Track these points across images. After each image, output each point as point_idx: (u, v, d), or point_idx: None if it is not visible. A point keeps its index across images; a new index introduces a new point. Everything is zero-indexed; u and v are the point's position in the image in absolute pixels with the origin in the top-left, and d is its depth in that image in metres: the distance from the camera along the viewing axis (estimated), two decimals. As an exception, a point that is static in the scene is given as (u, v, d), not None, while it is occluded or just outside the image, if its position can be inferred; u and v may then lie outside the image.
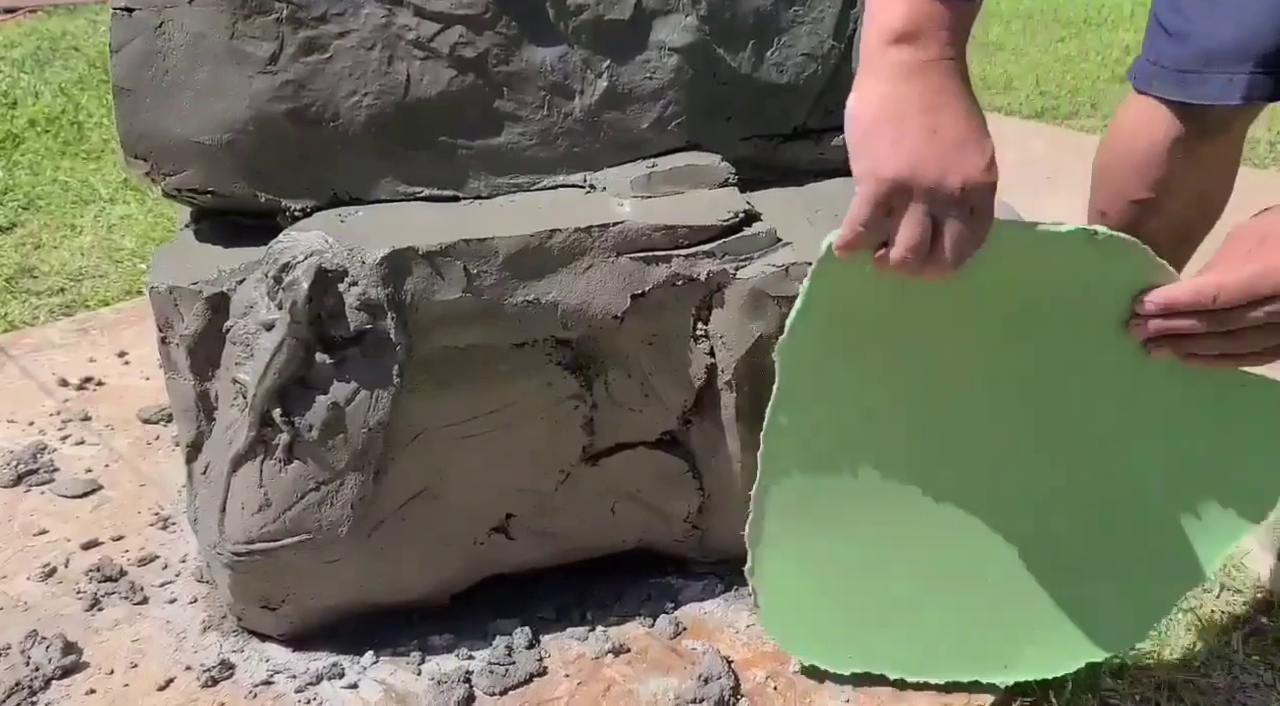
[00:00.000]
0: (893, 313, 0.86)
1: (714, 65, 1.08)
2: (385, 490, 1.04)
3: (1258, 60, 1.13)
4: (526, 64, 1.04)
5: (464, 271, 0.98)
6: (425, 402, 1.01)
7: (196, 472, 1.07)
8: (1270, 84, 1.15)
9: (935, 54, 0.74)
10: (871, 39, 0.76)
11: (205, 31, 0.97)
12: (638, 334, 1.05)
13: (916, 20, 0.74)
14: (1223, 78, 1.15)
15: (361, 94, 1.01)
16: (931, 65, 0.74)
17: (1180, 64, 1.18)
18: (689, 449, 1.13)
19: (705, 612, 1.16)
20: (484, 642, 1.11)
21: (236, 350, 1.00)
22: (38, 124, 2.74)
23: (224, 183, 1.02)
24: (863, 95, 0.76)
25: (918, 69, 0.74)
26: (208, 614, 1.15)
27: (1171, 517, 0.97)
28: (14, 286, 1.92)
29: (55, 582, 1.20)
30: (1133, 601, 1.01)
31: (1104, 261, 0.83)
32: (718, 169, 1.08)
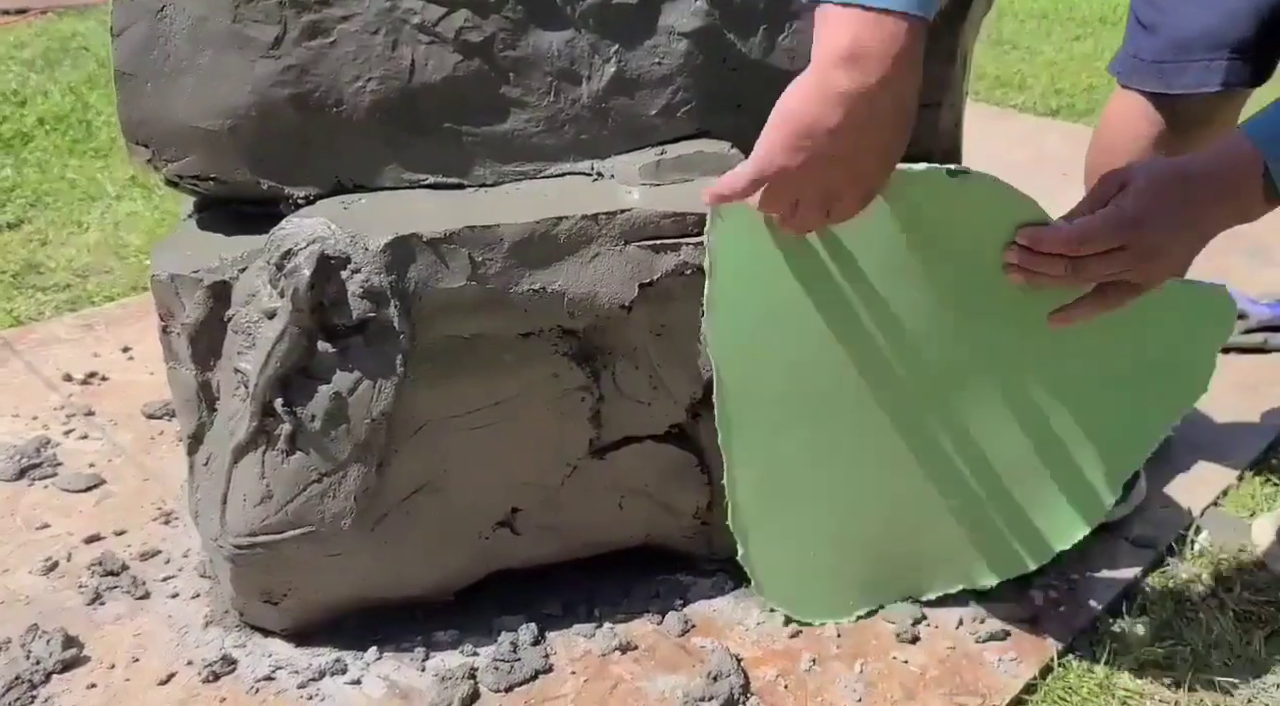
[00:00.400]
0: (798, 265, 0.93)
1: (724, 51, 1.06)
2: (388, 482, 1.02)
3: (1234, 46, 1.14)
4: (533, 49, 1.02)
5: (469, 259, 0.96)
6: (429, 393, 0.99)
7: (198, 464, 1.06)
8: (1249, 70, 1.15)
9: (877, 80, 0.75)
10: (818, 52, 0.78)
11: (207, 15, 0.95)
12: (646, 324, 1.03)
13: (863, 43, 0.75)
14: (1200, 65, 1.15)
15: (365, 79, 0.99)
16: (870, 93, 0.76)
17: (1158, 55, 1.18)
18: (698, 442, 1.11)
19: (714, 610, 1.14)
20: (489, 639, 1.09)
21: (238, 339, 0.99)
22: (46, 122, 2.73)
23: (226, 169, 1.00)
24: (800, 96, 0.79)
25: (857, 97, 0.76)
26: (210, 609, 1.14)
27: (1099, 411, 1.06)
28: (20, 282, 1.91)
29: (57, 577, 1.19)
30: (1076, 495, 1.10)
31: (971, 196, 0.91)
32: (728, 156, 1.06)
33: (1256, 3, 1.12)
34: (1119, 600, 1.16)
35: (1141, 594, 1.17)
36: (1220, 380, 1.54)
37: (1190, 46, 1.15)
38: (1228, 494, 1.33)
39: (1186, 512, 1.29)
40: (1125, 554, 1.22)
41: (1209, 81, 1.15)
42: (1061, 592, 1.16)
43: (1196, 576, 1.20)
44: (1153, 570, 1.20)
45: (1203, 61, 1.15)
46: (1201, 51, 1.14)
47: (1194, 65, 1.15)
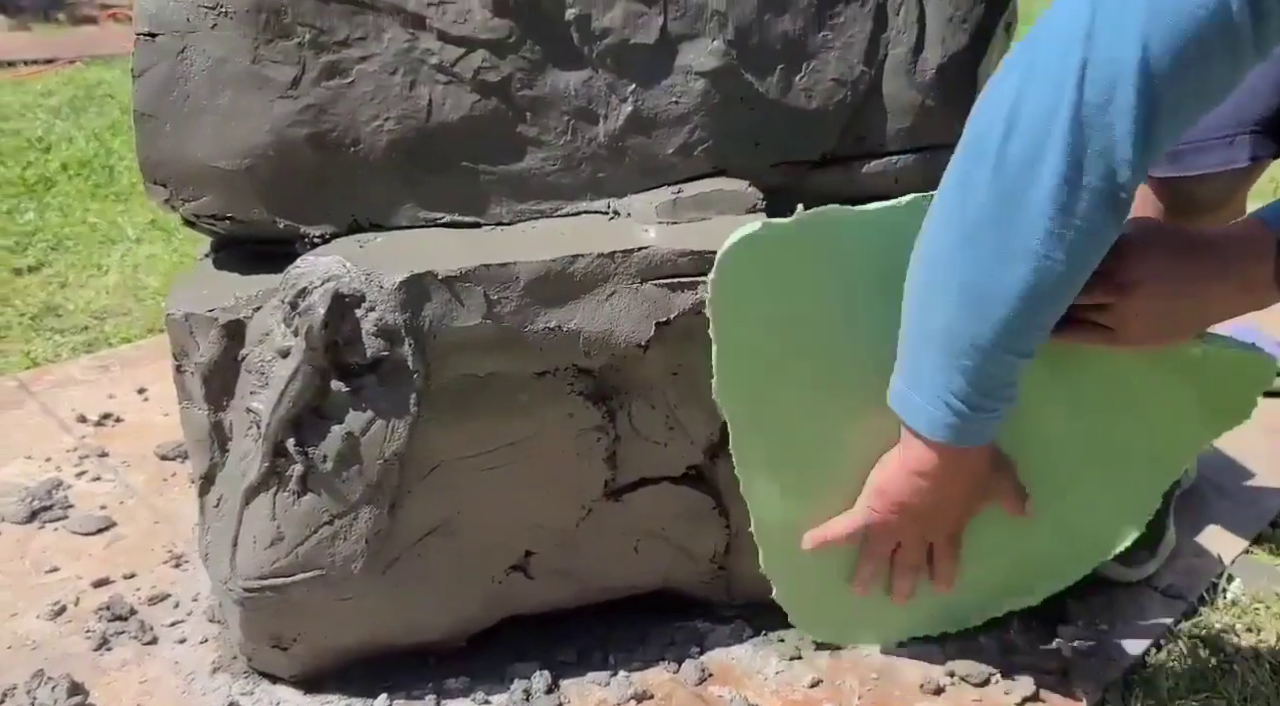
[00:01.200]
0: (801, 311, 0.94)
1: (741, 90, 1.06)
2: (401, 524, 1.00)
3: (1257, 121, 1.11)
4: (550, 88, 1.02)
5: (484, 297, 0.95)
6: (443, 433, 0.98)
7: (209, 505, 1.04)
8: (1272, 141, 1.12)
9: (940, 484, 0.92)
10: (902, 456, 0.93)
11: (227, 56, 0.96)
12: (662, 363, 1.02)
13: (928, 464, 0.91)
14: (1223, 142, 1.11)
15: (383, 118, 0.99)
16: (935, 490, 0.93)
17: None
18: (715, 485, 1.09)
19: (733, 658, 1.11)
20: (501, 687, 1.07)
21: (251, 378, 0.98)
22: (70, 167, 2.77)
23: (243, 208, 1.00)
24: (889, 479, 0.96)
25: (926, 492, 0.93)
26: (218, 654, 1.12)
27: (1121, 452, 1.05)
28: (39, 324, 1.92)
29: (64, 621, 1.17)
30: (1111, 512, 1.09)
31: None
32: (745, 195, 1.05)
33: (1274, 77, 1.09)
34: (1150, 651, 1.12)
35: (1173, 645, 1.13)
36: (1249, 425, 1.52)
37: (1210, 127, 1.11)
38: (1260, 541, 1.30)
39: (1217, 561, 1.26)
40: (1156, 604, 1.18)
41: (1236, 157, 1.11)
42: (1091, 644, 1.12)
43: (1230, 626, 1.16)
44: (1184, 620, 1.17)
45: (1225, 139, 1.11)
46: (1224, 130, 1.11)
47: (1216, 144, 1.11)
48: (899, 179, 1.11)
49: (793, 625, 1.09)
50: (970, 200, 0.80)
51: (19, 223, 2.37)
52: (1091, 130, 0.73)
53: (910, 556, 1.01)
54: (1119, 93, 0.72)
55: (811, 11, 1.06)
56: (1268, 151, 1.12)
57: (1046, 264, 0.77)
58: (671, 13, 1.03)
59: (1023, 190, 0.76)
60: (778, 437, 0.99)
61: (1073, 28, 0.73)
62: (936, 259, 0.84)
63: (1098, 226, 0.76)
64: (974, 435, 0.88)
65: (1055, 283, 0.79)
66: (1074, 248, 0.77)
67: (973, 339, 0.82)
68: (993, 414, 0.87)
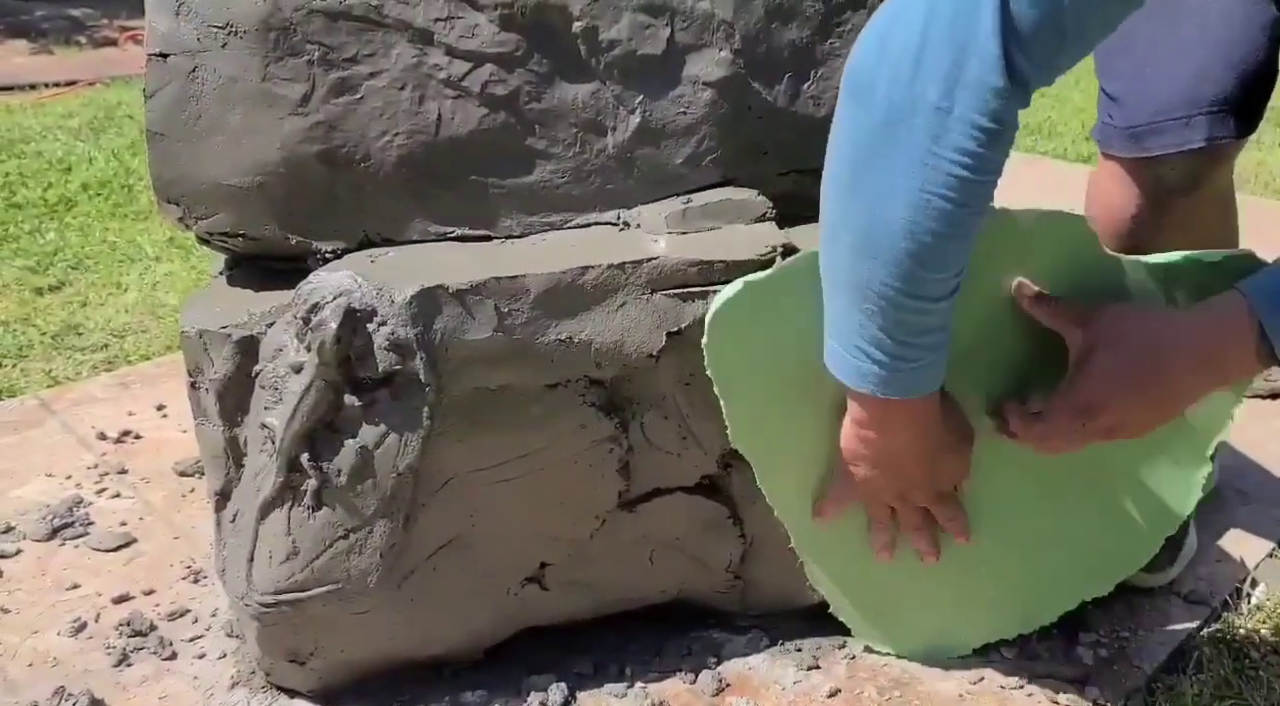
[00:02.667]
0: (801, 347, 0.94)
1: (749, 99, 1.06)
2: (415, 538, 1.01)
3: (1213, 101, 1.08)
4: (558, 101, 1.02)
5: (495, 310, 0.96)
6: (456, 446, 0.98)
7: (225, 521, 1.05)
8: (1232, 122, 1.09)
9: (883, 435, 0.91)
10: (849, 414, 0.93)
11: (238, 75, 0.97)
12: (674, 373, 1.02)
13: (872, 419, 0.90)
14: (1178, 123, 1.09)
15: (393, 134, 1.00)
16: (884, 441, 0.92)
17: (1130, 122, 1.12)
18: (729, 494, 1.09)
19: (750, 668, 1.11)
20: (518, 699, 1.07)
21: (265, 394, 0.98)
22: (90, 188, 2.80)
23: (255, 225, 1.01)
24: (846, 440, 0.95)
25: (875, 442, 0.92)
26: (236, 669, 1.12)
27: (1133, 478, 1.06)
28: (59, 343, 1.93)
29: (85, 637, 1.18)
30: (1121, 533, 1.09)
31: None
32: (755, 203, 1.05)
33: (1229, 57, 1.07)
34: (1173, 658, 1.11)
35: (1197, 651, 1.12)
36: (1267, 426, 1.51)
37: (1165, 108, 1.09)
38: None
39: (1240, 565, 1.24)
40: (1178, 610, 1.17)
41: (1191, 138, 1.09)
42: (1112, 651, 1.11)
43: (1255, 632, 1.14)
44: (1208, 626, 1.15)
45: (1180, 120, 1.09)
46: (1177, 110, 1.09)
47: (1172, 124, 1.09)
48: (909, 185, 1.10)
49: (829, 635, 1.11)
50: (847, 141, 0.79)
51: (40, 243, 2.40)
52: (956, 56, 0.72)
53: (907, 518, 1.00)
54: (981, 14, 0.71)
55: (818, 20, 1.06)
56: (1226, 132, 1.09)
57: (928, 200, 0.75)
58: (678, 23, 1.03)
59: (894, 126, 0.75)
60: (801, 468, 1.01)
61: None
62: (830, 202, 0.83)
63: (974, 156, 0.74)
64: (900, 385, 0.86)
65: (942, 221, 0.76)
66: (952, 180, 0.75)
67: (873, 285, 0.80)
68: (916, 363, 0.85)
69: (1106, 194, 1.19)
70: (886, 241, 0.78)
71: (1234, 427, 1.44)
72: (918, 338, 0.84)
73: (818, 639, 1.13)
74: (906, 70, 0.74)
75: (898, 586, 1.08)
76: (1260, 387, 1.57)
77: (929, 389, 0.88)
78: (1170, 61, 1.10)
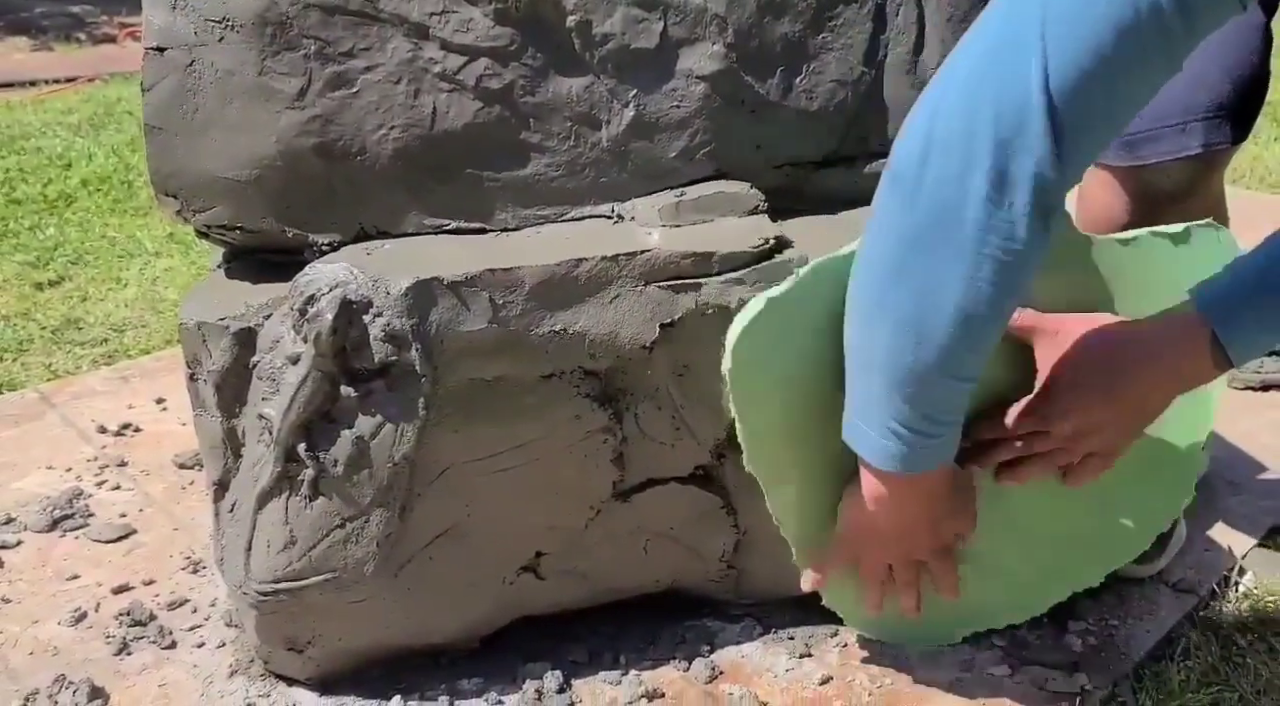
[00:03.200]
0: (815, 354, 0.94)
1: (742, 93, 1.07)
2: (411, 527, 1.02)
3: (1209, 107, 1.09)
4: (552, 95, 1.03)
5: (490, 301, 0.97)
6: (451, 436, 0.99)
7: (223, 511, 1.06)
8: (1227, 128, 1.10)
9: (897, 508, 0.93)
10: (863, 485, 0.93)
11: (234, 69, 0.97)
12: (668, 365, 1.03)
13: (882, 491, 0.91)
14: (1174, 130, 1.09)
15: (388, 127, 1.01)
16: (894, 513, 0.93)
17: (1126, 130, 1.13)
18: (723, 484, 1.10)
19: (743, 656, 1.12)
20: (514, 687, 1.08)
21: (263, 385, 0.99)
22: (90, 184, 2.81)
23: (252, 218, 1.02)
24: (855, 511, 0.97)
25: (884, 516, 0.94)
26: (235, 658, 1.13)
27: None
28: (59, 338, 1.95)
29: (85, 627, 1.19)
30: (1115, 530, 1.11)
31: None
32: (748, 196, 1.06)
33: (1224, 63, 1.08)
34: (1161, 646, 1.12)
35: (1185, 639, 1.13)
36: (1258, 417, 1.52)
37: (1161, 115, 1.10)
38: (1273, 534, 1.29)
39: (1229, 554, 1.25)
40: (1166, 599, 1.18)
41: (1188, 145, 1.09)
42: (1101, 639, 1.12)
43: (1242, 620, 1.16)
44: (1196, 614, 1.16)
45: (1176, 127, 1.09)
46: (1174, 117, 1.09)
47: (1168, 132, 1.10)
48: (901, 178, 1.11)
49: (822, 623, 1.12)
50: (893, 233, 0.80)
51: (40, 238, 2.41)
52: (1005, 151, 0.72)
53: (902, 575, 1.02)
54: (1029, 115, 0.71)
55: (810, 14, 1.07)
56: (1223, 138, 1.10)
57: (977, 287, 0.77)
58: (671, 17, 1.04)
59: (949, 214, 0.75)
60: (809, 482, 1.01)
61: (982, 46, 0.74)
62: (870, 289, 0.84)
63: (1026, 244, 0.75)
64: (923, 461, 0.88)
65: (988, 304, 0.78)
66: (1004, 267, 0.76)
67: (911, 367, 0.82)
68: (939, 440, 0.87)
69: (1097, 202, 1.19)
70: (936, 328, 0.79)
71: (1226, 419, 1.46)
72: (946, 415, 0.86)
73: (810, 627, 1.14)
74: (956, 165, 0.74)
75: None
76: (1252, 379, 1.58)
77: (947, 459, 0.90)
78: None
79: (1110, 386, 0.90)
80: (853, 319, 0.87)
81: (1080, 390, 0.92)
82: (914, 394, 0.83)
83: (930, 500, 0.94)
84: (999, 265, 0.76)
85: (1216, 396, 1.08)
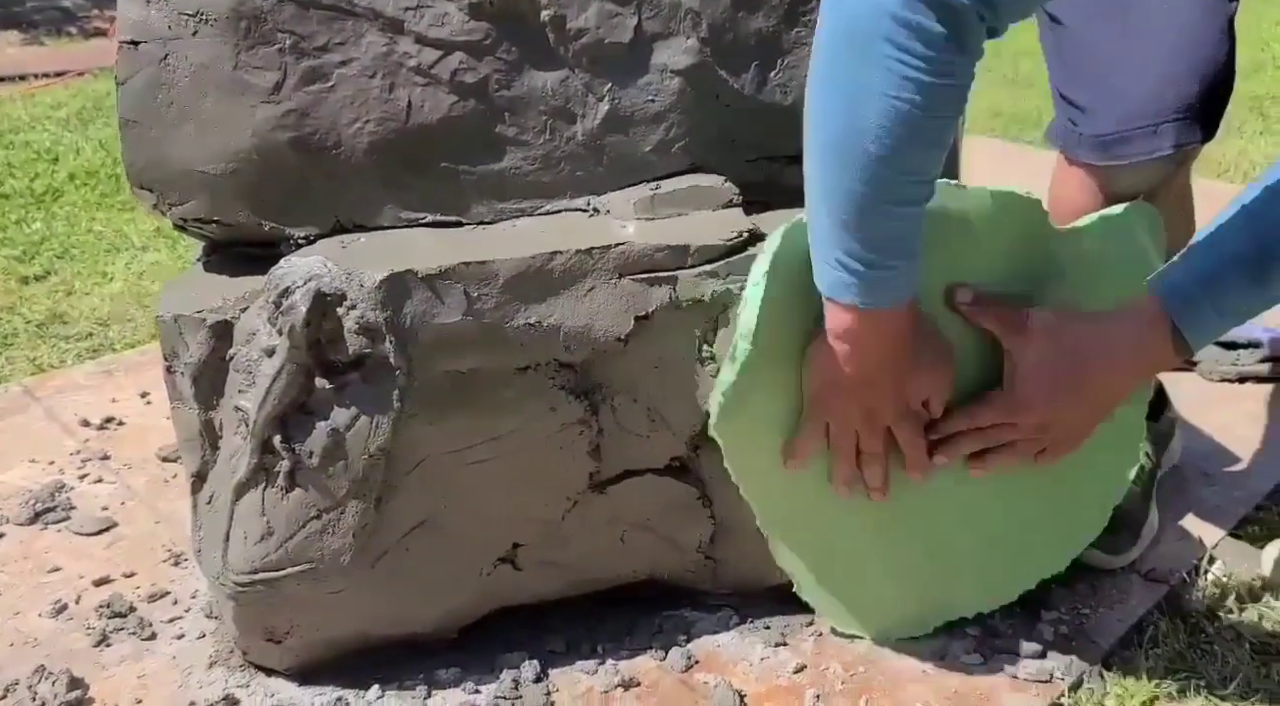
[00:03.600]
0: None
1: (716, 87, 1.08)
2: (388, 519, 1.03)
3: (1178, 108, 1.10)
4: (527, 89, 1.04)
5: (464, 294, 0.97)
6: (427, 429, 1.00)
7: (201, 503, 1.07)
8: (1197, 128, 1.11)
9: (871, 354, 0.91)
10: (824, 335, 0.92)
11: (209, 62, 0.98)
12: (643, 357, 1.04)
13: (848, 329, 0.90)
14: (1146, 131, 1.11)
15: (363, 121, 1.01)
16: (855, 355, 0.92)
17: (1097, 130, 1.14)
18: (699, 475, 1.11)
19: (719, 645, 1.13)
20: (491, 676, 1.09)
21: (239, 377, 1.00)
22: (77, 177, 2.80)
23: (228, 212, 1.03)
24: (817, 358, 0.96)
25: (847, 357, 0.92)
26: (215, 649, 1.14)
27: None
28: (44, 332, 1.95)
29: (65, 619, 1.20)
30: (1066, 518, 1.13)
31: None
32: (722, 190, 1.07)
33: (1191, 62, 1.09)
34: (1131, 634, 1.13)
35: (1154, 627, 1.14)
36: (1235, 409, 1.53)
37: (1132, 117, 1.11)
38: (1243, 525, 1.31)
39: (1200, 544, 1.27)
40: (1136, 587, 1.19)
41: (1159, 146, 1.11)
42: (1072, 628, 1.14)
43: (1211, 608, 1.17)
44: (1165, 603, 1.18)
45: (1147, 128, 1.10)
46: (1145, 119, 1.10)
47: (1138, 134, 1.11)
48: (876, 172, 1.12)
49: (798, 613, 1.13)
50: (820, 48, 0.82)
51: (26, 232, 2.41)
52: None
53: (868, 443, 0.99)
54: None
55: (784, 9, 1.08)
56: (1192, 138, 1.11)
57: (896, 105, 0.78)
58: (645, 12, 1.05)
59: (858, 32, 0.78)
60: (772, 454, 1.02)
61: None
62: (808, 116, 0.86)
63: (934, 64, 0.77)
64: (877, 295, 0.87)
65: (912, 125, 0.79)
66: (917, 88, 0.77)
67: (848, 193, 0.83)
68: (891, 271, 0.87)
69: (1069, 199, 1.21)
70: (857, 145, 0.80)
71: (1203, 411, 1.48)
72: (893, 244, 0.86)
73: (786, 617, 1.15)
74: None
75: (863, 572, 1.10)
76: (1229, 372, 1.60)
77: (902, 297, 0.89)
78: (1134, 70, 1.12)
79: (1076, 381, 0.92)
80: (804, 149, 0.88)
81: (1046, 384, 0.93)
82: (854, 222, 0.84)
83: (892, 343, 0.92)
84: (907, 81, 0.77)
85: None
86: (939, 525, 1.08)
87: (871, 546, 1.09)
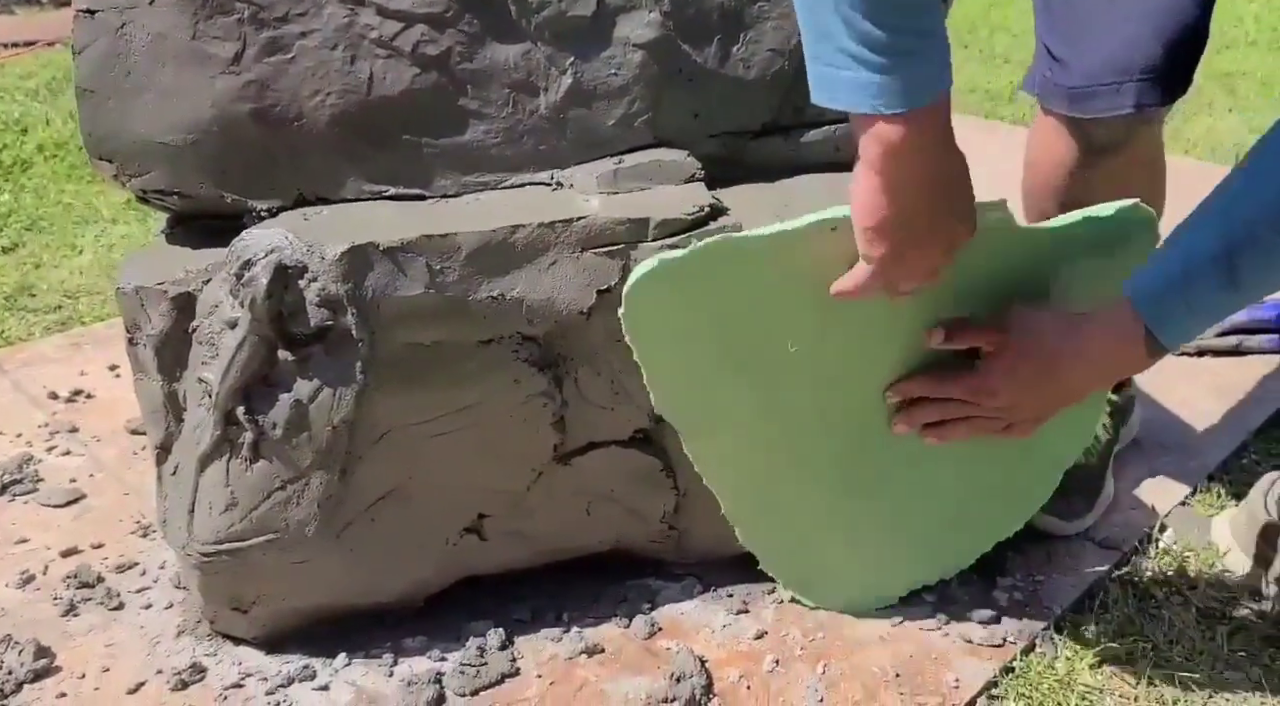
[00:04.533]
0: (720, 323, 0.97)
1: (679, 62, 1.08)
2: (353, 490, 1.03)
3: (1143, 69, 1.13)
4: (490, 62, 1.04)
5: (426, 267, 0.98)
6: (392, 400, 1.01)
7: (166, 474, 1.07)
8: (1160, 90, 1.14)
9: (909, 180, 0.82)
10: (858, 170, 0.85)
11: (166, 32, 0.97)
12: (605, 330, 1.04)
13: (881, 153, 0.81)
14: (1109, 89, 1.14)
15: (325, 93, 1.01)
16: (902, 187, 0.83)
17: (1069, 82, 1.17)
18: (662, 446, 1.12)
19: (682, 613, 1.15)
20: (457, 644, 1.10)
21: (202, 350, 1.01)
22: (46, 149, 2.77)
23: (190, 184, 1.02)
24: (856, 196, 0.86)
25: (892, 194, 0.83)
26: (182, 618, 1.15)
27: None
28: (12, 304, 1.93)
29: (33, 589, 1.20)
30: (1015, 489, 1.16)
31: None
32: (684, 164, 1.08)
33: (1158, 25, 1.12)
34: (1082, 599, 1.16)
35: (1105, 593, 1.17)
36: (1194, 383, 1.56)
37: (1097, 73, 1.14)
38: (1196, 494, 1.34)
39: (1152, 512, 1.30)
40: (1090, 554, 1.22)
41: (1121, 104, 1.14)
42: (1026, 594, 1.16)
43: (1160, 575, 1.20)
44: (1117, 569, 1.20)
45: (1111, 86, 1.14)
46: (1110, 77, 1.13)
47: (1103, 90, 1.14)
48: (839, 147, 1.13)
49: (760, 582, 1.15)
50: None
51: (-6, 205, 2.39)
52: None
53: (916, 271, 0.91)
54: None
55: (747, -18, 1.08)
56: (1154, 99, 1.14)
57: None
58: (608, -16, 1.05)
59: None
60: (732, 436, 1.03)
61: None
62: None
63: None
64: (905, 87, 0.77)
65: None
66: None
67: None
68: (914, 55, 0.77)
69: (1044, 146, 1.25)
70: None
71: (1163, 385, 1.50)
72: (909, 18, 0.76)
73: (748, 585, 1.17)
74: None
75: (823, 546, 1.12)
76: (1188, 346, 1.62)
77: (936, 87, 0.79)
78: (1106, 29, 1.15)
79: (1045, 378, 0.94)
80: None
81: (1015, 377, 0.95)
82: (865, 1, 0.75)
83: (925, 157, 0.82)
84: None
85: None
86: (897, 496, 1.10)
87: (832, 521, 1.10)
